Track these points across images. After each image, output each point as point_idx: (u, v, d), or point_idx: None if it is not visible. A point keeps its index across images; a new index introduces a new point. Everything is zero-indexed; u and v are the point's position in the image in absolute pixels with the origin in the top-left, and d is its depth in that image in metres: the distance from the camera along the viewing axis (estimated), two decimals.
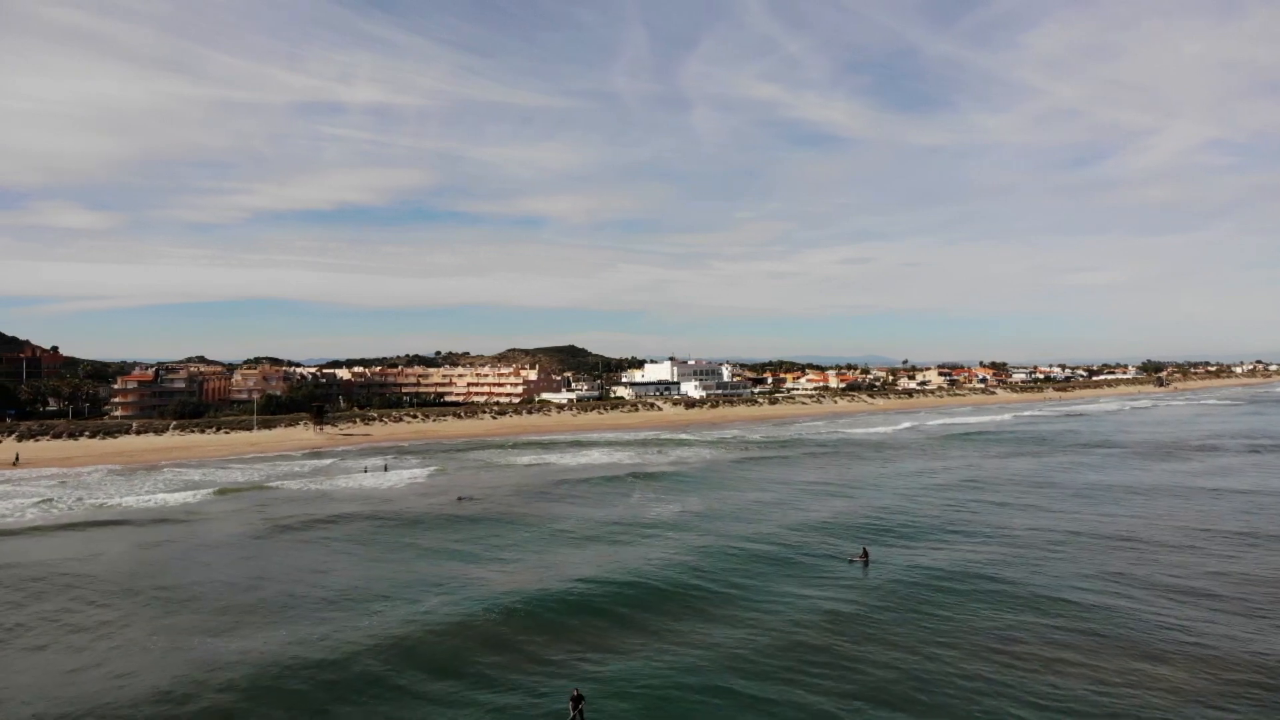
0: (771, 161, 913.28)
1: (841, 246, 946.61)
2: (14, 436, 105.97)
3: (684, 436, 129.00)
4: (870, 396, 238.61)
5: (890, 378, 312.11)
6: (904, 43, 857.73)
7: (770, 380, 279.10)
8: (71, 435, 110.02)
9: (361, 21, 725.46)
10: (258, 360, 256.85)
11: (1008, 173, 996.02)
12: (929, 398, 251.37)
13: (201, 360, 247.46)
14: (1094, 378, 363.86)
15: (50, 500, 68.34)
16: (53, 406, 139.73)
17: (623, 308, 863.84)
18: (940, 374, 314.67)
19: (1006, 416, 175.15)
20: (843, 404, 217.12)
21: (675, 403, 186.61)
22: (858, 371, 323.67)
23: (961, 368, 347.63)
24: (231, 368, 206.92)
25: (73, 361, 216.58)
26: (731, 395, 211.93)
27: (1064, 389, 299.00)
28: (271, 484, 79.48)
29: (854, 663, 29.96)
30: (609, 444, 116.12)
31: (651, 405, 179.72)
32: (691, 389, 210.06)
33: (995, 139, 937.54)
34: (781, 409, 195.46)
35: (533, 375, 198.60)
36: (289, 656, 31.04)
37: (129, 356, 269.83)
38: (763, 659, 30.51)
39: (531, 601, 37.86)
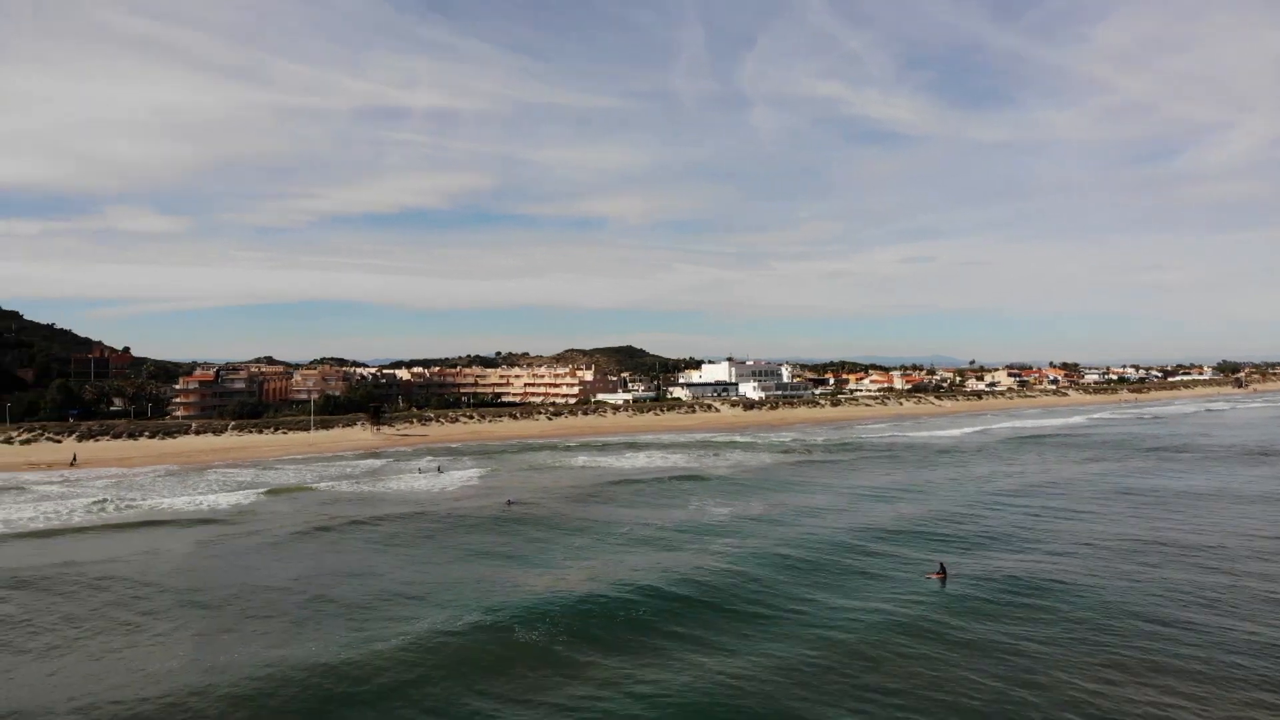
0: (831, 160, 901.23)
1: (903, 245, 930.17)
2: (75, 436, 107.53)
3: (742, 439, 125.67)
4: (937, 398, 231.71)
5: (957, 379, 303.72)
6: (967, 37, 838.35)
7: (832, 381, 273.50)
8: (131, 435, 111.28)
9: (421, 27, 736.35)
10: (323, 361, 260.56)
11: (1074, 169, 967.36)
12: (998, 399, 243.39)
13: (268, 360, 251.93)
14: (1169, 379, 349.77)
15: (103, 501, 68.06)
16: (118, 406, 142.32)
17: (680, 308, 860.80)
18: (1009, 375, 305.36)
19: (1080, 419, 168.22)
20: (908, 406, 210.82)
21: (733, 404, 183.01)
22: (923, 372, 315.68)
23: (1030, 368, 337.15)
24: (296, 368, 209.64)
25: (140, 362, 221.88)
26: (791, 396, 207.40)
27: (1138, 390, 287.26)
28: (322, 485, 78.55)
29: (932, 687, 26.78)
30: (664, 446, 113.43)
31: (709, 406, 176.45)
32: (750, 390, 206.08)
33: (1061, 135, 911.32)
34: (844, 411, 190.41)
35: (589, 376, 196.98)
36: (309, 662, 29.56)
37: (199, 357, 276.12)
38: (824, 677, 27.83)
39: (574, 609, 35.83)
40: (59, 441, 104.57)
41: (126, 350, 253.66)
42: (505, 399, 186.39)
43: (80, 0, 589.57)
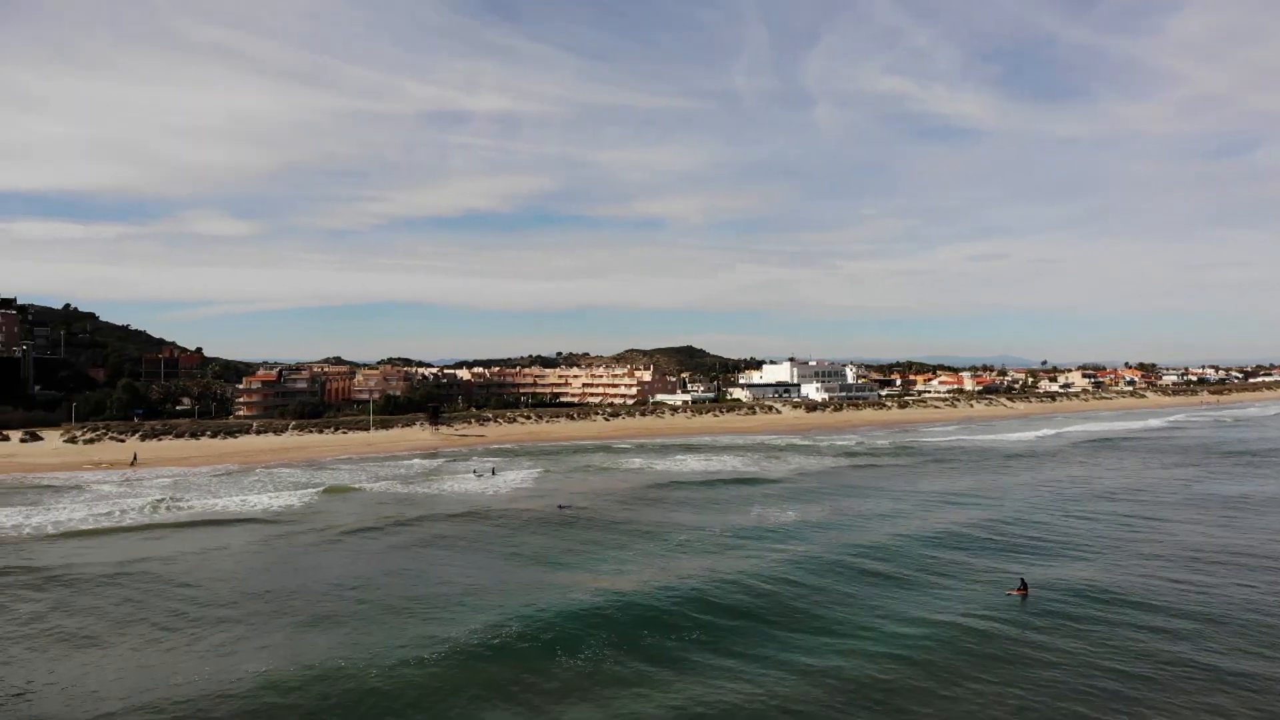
0: (897, 156, 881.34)
1: (971, 243, 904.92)
2: (138, 436, 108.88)
3: (804, 441, 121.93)
4: (1009, 400, 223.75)
5: (1029, 380, 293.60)
6: (1038, 30, 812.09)
7: (899, 382, 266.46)
8: (193, 435, 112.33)
9: (486, 31, 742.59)
10: (389, 361, 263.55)
11: (1149, 164, 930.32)
12: (1073, 401, 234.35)
13: (337, 361, 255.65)
14: (1250, 379, 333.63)
15: (156, 502, 67.81)
16: (185, 406, 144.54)
17: (742, 308, 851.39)
18: (1083, 376, 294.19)
19: (1159, 422, 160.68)
20: (979, 408, 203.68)
21: (795, 405, 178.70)
22: (993, 373, 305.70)
23: (1104, 369, 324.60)
24: (362, 368, 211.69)
25: (209, 362, 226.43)
26: (856, 398, 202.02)
27: (1219, 391, 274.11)
28: (376, 487, 77.57)
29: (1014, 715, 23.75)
30: (723, 448, 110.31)
31: (770, 408, 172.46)
32: (813, 391, 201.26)
33: (1135, 129, 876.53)
34: (912, 413, 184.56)
35: (647, 376, 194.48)
36: (330, 666, 29.07)
37: (270, 357, 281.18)
38: (893, 699, 25.59)
39: (622, 617, 34.32)
40: (122, 441, 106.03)
41: (199, 351, 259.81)
42: (563, 399, 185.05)
43: (156, 9, 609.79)
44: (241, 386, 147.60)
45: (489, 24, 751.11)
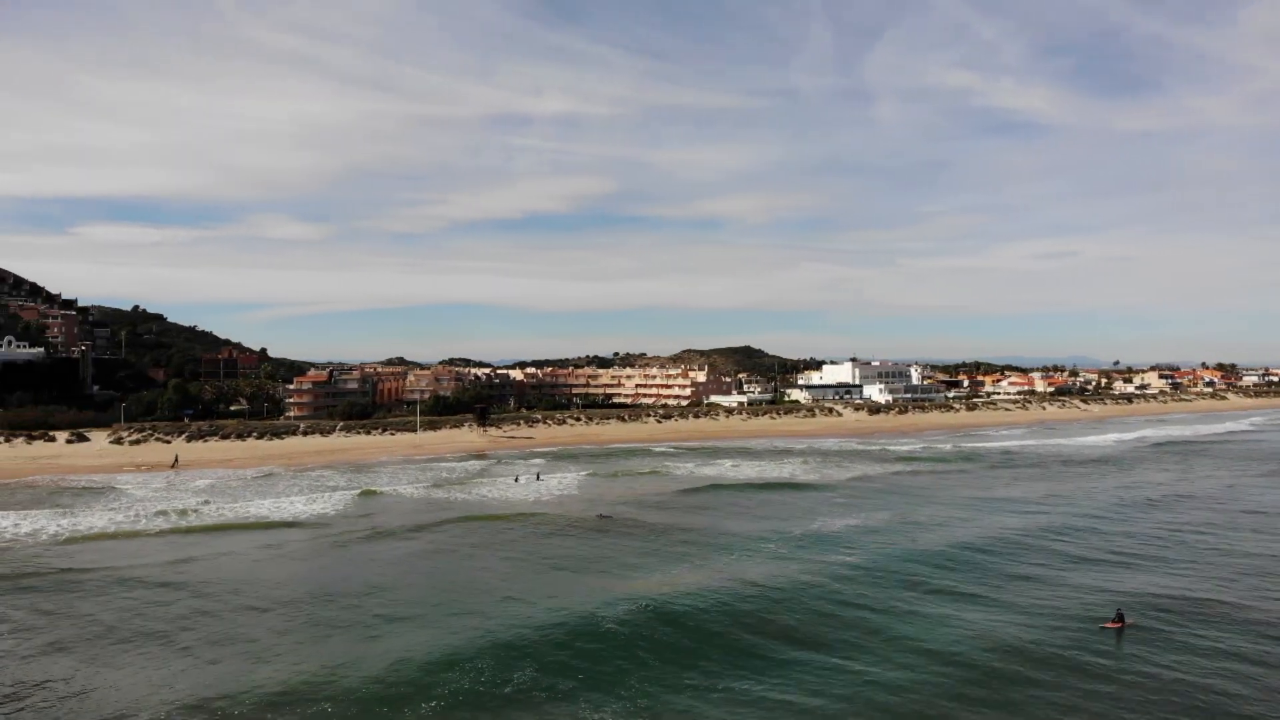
0: (963, 152, 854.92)
1: (1039, 240, 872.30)
2: (184, 437, 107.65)
3: (865, 445, 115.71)
4: (1083, 402, 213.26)
5: (1103, 381, 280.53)
6: (1108, 22, 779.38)
7: (966, 383, 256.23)
8: (239, 436, 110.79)
9: (549, 34, 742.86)
10: (449, 361, 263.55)
11: (1225, 158, 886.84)
12: (1149, 403, 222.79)
13: (400, 361, 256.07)
14: None
15: (184, 508, 65.30)
16: (242, 406, 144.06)
17: (802, 307, 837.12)
18: (1160, 376, 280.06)
19: (1244, 425, 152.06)
20: (1052, 410, 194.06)
21: (857, 408, 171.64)
22: (1065, 374, 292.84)
23: (1180, 369, 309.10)
24: (423, 368, 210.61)
25: (266, 362, 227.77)
26: (922, 400, 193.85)
27: None
28: (414, 491, 74.47)
29: None
30: (779, 452, 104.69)
31: (830, 410, 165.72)
32: (875, 392, 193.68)
33: (1210, 122, 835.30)
34: (981, 416, 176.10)
35: (701, 377, 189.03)
36: (325, 677, 28.56)
37: (335, 358, 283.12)
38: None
39: (660, 634, 32.59)
40: (168, 442, 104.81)
41: (263, 351, 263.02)
42: (616, 400, 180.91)
43: (226, 17, 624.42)
44: (292, 387, 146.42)
45: (552, 26, 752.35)
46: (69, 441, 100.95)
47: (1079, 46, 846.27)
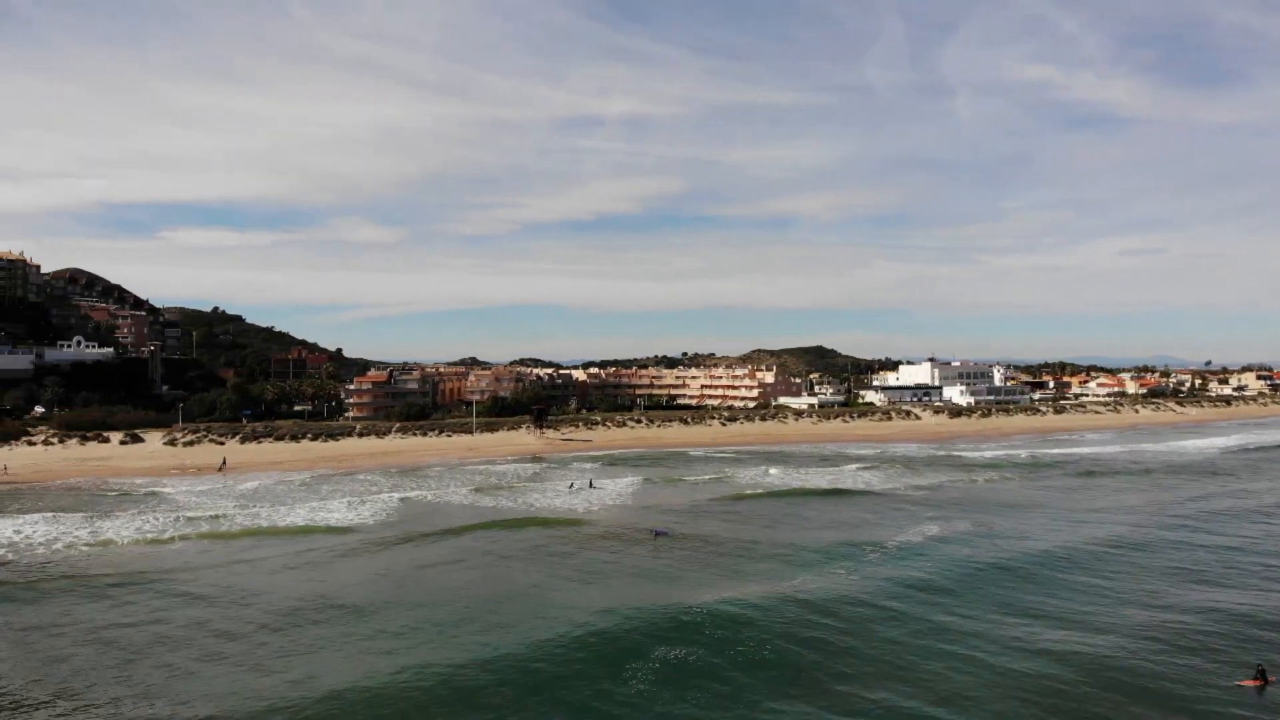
0: (1043, 147, 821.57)
1: (1124, 237, 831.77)
2: (238, 438, 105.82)
3: (946, 451, 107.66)
4: (1178, 404, 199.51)
5: (1197, 382, 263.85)
6: (1192, 13, 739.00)
7: (1052, 384, 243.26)
8: (294, 438, 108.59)
9: (617, 35, 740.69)
10: (520, 361, 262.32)
11: None
12: (1249, 405, 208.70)
13: (473, 361, 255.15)
14: None
15: (217, 516, 61.99)
16: (307, 407, 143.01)
17: (876, 306, 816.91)
18: (1257, 377, 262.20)
19: None
20: (1146, 413, 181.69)
21: (936, 410, 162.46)
22: (1156, 375, 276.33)
23: (1276, 370, 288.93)
24: (492, 367, 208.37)
25: (351, 363, 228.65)
26: (1005, 402, 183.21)
27: None
28: (461, 498, 70.50)
29: None
30: (851, 459, 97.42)
31: (907, 413, 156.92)
32: (956, 394, 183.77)
33: None
34: (1070, 419, 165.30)
35: (769, 378, 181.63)
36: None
37: (410, 358, 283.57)
38: None
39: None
40: (221, 443, 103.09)
41: (338, 351, 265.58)
42: (680, 401, 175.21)
43: (303, 26, 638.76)
44: (352, 387, 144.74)
45: (619, 28, 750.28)
46: (123, 443, 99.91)
47: (1162, 37, 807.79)
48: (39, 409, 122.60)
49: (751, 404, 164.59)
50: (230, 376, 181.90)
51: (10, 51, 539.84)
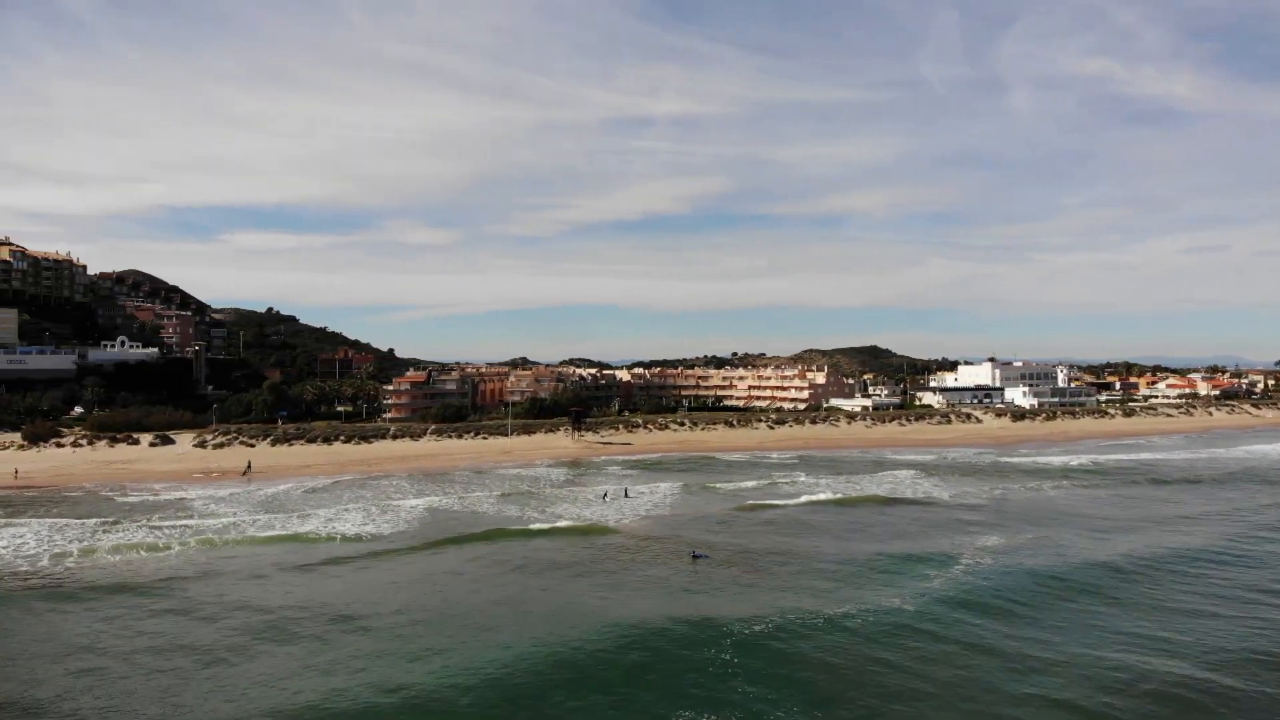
0: (1102, 142, 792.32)
1: (1186, 234, 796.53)
2: (269, 441, 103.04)
3: (1009, 458, 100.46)
4: (1254, 407, 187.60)
5: (1270, 382, 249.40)
6: (1256, 4, 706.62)
7: (1118, 386, 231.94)
8: (325, 440, 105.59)
9: (667, 35, 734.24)
10: (570, 361, 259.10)
11: None
12: None
13: (524, 361, 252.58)
14: None
15: (242, 520, 58.71)
16: (348, 407, 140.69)
17: (930, 305, 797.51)
18: None
19: None
20: (1221, 416, 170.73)
21: (998, 413, 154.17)
22: (1227, 375, 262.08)
23: None
24: (542, 366, 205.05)
25: (405, 363, 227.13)
26: (1071, 404, 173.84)
27: None
28: (488, 507, 66.63)
29: None
30: (909, 466, 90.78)
31: (967, 416, 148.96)
32: (1018, 396, 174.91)
33: None
34: (1140, 423, 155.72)
35: (821, 378, 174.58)
36: None
37: (461, 358, 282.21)
38: None
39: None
40: (252, 446, 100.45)
41: (390, 351, 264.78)
42: (727, 403, 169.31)
43: (357, 31, 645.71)
44: (390, 388, 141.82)
45: (669, 27, 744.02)
46: (152, 445, 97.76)
47: (1224, 30, 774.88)
48: (78, 409, 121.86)
49: (802, 405, 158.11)
50: (276, 376, 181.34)
51: (73, 58, 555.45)
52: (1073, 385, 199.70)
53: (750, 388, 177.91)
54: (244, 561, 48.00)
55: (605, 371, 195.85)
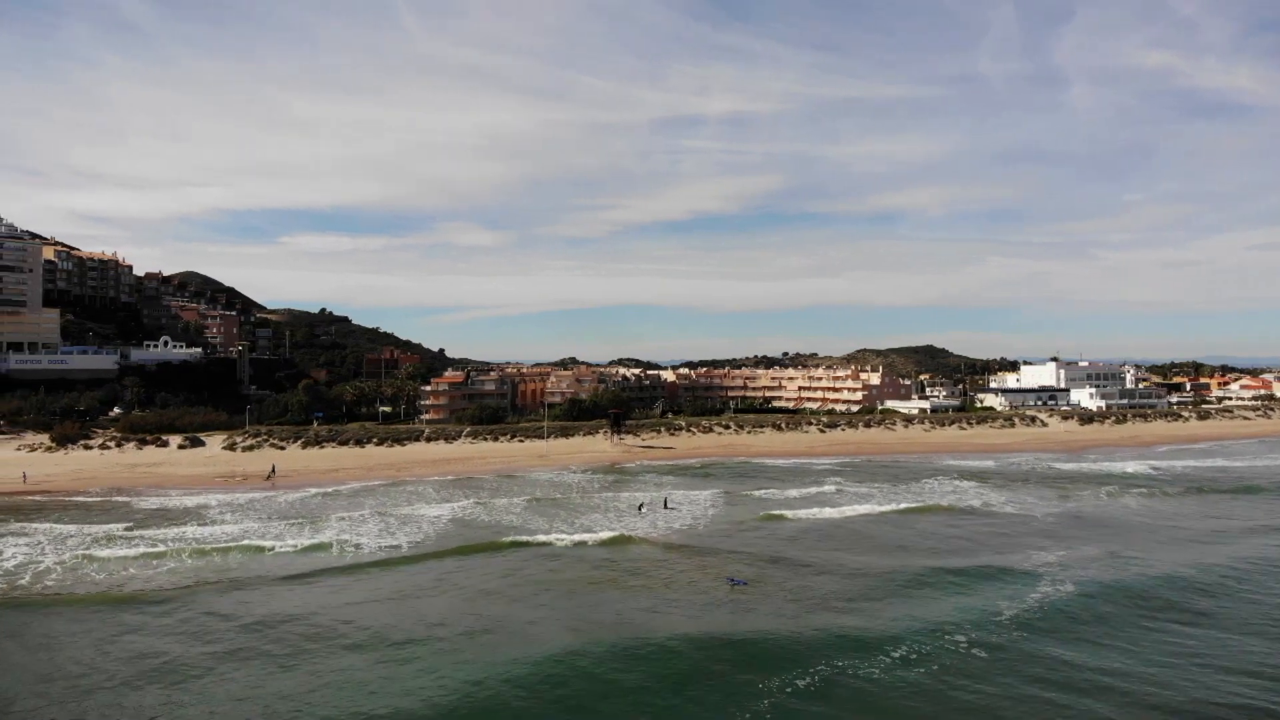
0: (1164, 136, 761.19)
1: (1252, 230, 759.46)
2: (299, 443, 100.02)
3: (1078, 465, 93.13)
4: None
5: None
6: None
7: (1189, 387, 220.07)
8: (358, 442, 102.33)
9: (717, 34, 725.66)
10: (620, 361, 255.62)
11: None
12: None
13: (572, 362, 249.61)
14: None
15: (250, 530, 54.93)
16: (388, 408, 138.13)
17: (988, 304, 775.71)
18: None
19: None
20: None
21: (1065, 416, 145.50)
22: None
23: None
24: (564, 368, 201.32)
25: (458, 363, 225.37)
26: (1141, 406, 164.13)
27: None
28: (513, 517, 62.20)
29: None
30: (974, 476, 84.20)
31: (1032, 419, 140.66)
32: (1085, 398, 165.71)
33: None
34: (1217, 426, 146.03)
35: (875, 379, 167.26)
36: None
37: (512, 358, 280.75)
38: None
39: None
40: (282, 448, 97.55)
41: (441, 351, 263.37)
42: (776, 404, 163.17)
43: (412, 35, 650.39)
44: (428, 388, 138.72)
45: (720, 26, 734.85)
46: (181, 447, 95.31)
47: None
48: (116, 409, 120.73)
49: (855, 408, 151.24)
50: (321, 376, 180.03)
51: (135, 65, 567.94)
52: (1141, 386, 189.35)
53: (800, 389, 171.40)
54: (236, 575, 44.77)
55: (650, 372, 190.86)
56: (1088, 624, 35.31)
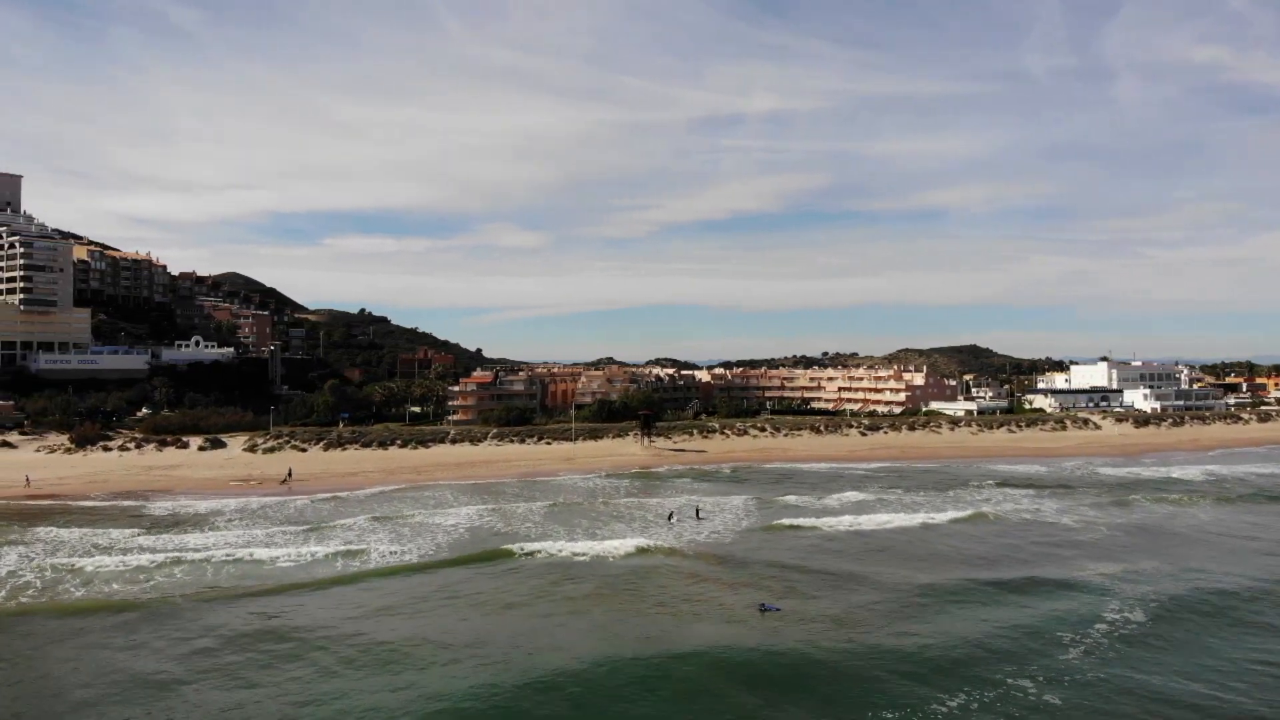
0: (1215, 132, 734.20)
1: None
2: (321, 445, 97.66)
3: (1135, 471, 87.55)
4: None
5: None
6: None
7: (1245, 387, 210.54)
8: (381, 444, 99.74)
9: (758, 32, 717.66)
10: (657, 361, 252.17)
11: None
12: None
13: (609, 361, 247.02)
14: None
15: (254, 541, 52.15)
16: (416, 408, 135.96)
17: (1034, 303, 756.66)
18: None
19: None
20: None
21: (1119, 418, 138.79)
22: None
23: None
24: (594, 368, 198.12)
25: (496, 363, 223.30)
26: (1198, 408, 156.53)
27: None
28: (533, 525, 58.43)
29: None
30: (1025, 483, 78.94)
31: (1085, 422, 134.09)
32: (1139, 399, 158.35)
33: None
34: (1278, 428, 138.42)
35: (918, 379, 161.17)
36: None
37: (550, 358, 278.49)
38: None
39: None
40: (303, 450, 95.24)
41: (478, 351, 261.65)
42: (815, 405, 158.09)
43: (452, 38, 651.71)
44: (456, 389, 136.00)
45: (760, 24, 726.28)
46: (201, 449, 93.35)
47: None
48: (144, 410, 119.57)
49: (897, 409, 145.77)
50: (356, 376, 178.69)
51: (182, 69, 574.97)
52: (1197, 388, 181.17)
53: (840, 389, 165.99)
54: (226, 587, 41.99)
55: (684, 372, 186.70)
56: (1167, 648, 31.96)
